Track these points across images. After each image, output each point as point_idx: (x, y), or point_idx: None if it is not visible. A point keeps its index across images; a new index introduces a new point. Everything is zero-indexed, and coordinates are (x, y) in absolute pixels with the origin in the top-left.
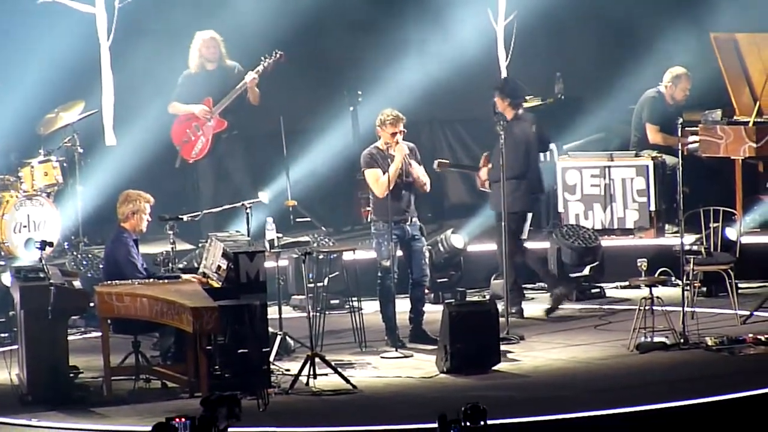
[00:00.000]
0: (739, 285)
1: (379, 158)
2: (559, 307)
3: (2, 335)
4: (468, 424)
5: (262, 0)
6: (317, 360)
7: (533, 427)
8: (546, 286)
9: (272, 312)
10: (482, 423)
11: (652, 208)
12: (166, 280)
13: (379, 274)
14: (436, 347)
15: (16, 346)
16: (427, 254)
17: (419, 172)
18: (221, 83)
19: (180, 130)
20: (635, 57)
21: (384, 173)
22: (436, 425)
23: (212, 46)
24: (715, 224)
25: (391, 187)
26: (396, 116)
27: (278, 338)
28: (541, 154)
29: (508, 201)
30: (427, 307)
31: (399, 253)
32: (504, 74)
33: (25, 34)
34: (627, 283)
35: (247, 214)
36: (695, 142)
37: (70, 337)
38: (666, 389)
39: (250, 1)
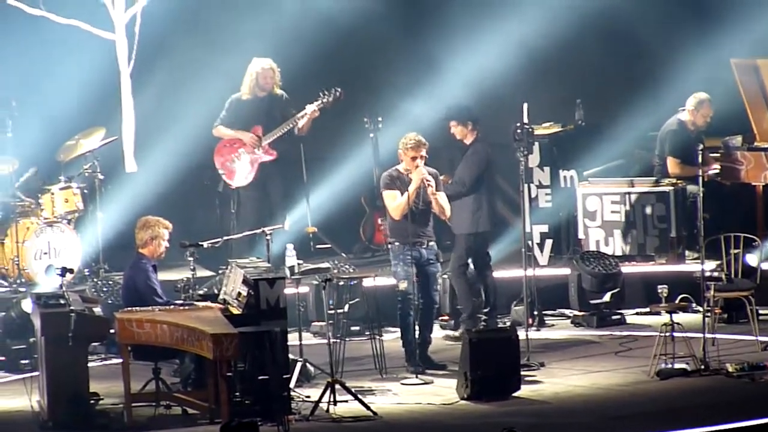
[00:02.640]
0: (760, 311)
1: (399, 181)
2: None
3: (23, 362)
4: None
5: (283, 28)
6: (337, 386)
7: None
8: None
9: (292, 338)
10: None
11: (673, 234)
12: (185, 307)
13: (399, 298)
14: (452, 373)
15: (37, 373)
16: (440, 280)
17: (440, 198)
18: (268, 111)
19: (225, 154)
20: (655, 83)
21: (402, 195)
22: None
23: (269, 76)
24: (736, 250)
25: (407, 210)
26: (418, 141)
27: (298, 365)
28: (562, 180)
29: (469, 218)
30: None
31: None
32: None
33: (45, 59)
34: (647, 310)
35: (267, 240)
36: (716, 169)
37: (90, 364)
38: (687, 416)
39: (270, 29)
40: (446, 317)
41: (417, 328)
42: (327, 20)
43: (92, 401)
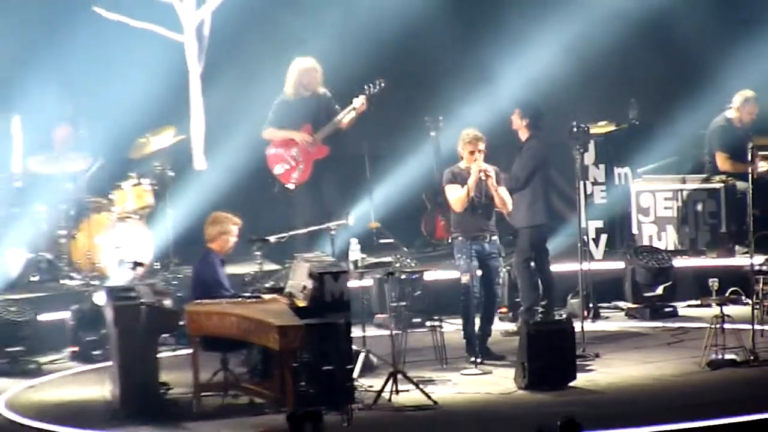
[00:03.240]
0: None
1: (459, 177)
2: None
3: (95, 353)
4: None
5: (346, 29)
6: (399, 376)
7: None
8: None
9: (356, 330)
10: None
11: (723, 230)
12: (252, 299)
13: (462, 290)
14: (511, 363)
15: (109, 363)
16: (502, 274)
17: (501, 192)
18: (315, 110)
19: (277, 155)
20: (702, 83)
21: (461, 190)
22: None
23: (312, 75)
24: None
25: (467, 203)
26: (475, 136)
27: (362, 355)
28: (616, 177)
29: (526, 212)
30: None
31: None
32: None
33: (116, 59)
34: (699, 303)
35: (332, 236)
36: (765, 167)
37: (160, 355)
38: (737, 405)
39: (334, 30)
40: (505, 310)
41: (478, 320)
42: (389, 22)
43: (162, 391)
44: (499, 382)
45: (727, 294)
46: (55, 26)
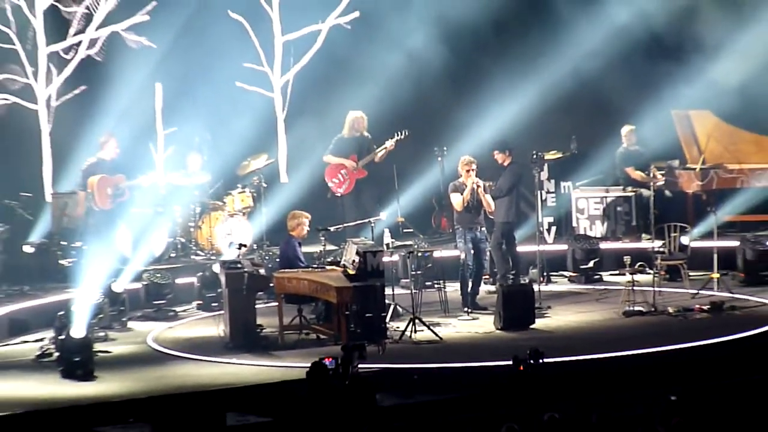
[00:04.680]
0: (690, 274)
1: (459, 188)
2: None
3: (214, 305)
4: (532, 361)
5: (384, 91)
6: (417, 321)
7: (561, 364)
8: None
9: (388, 290)
10: (541, 360)
11: (634, 223)
12: (319, 269)
13: (460, 263)
14: (491, 312)
15: (222, 312)
16: (487, 254)
17: (487, 198)
18: (360, 146)
19: (332, 173)
20: (618, 125)
21: (462, 194)
22: (501, 363)
23: (360, 122)
24: (674, 234)
25: (465, 205)
26: (469, 160)
27: (392, 307)
28: (562, 189)
29: (504, 212)
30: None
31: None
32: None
33: (229, 108)
34: (618, 272)
35: (372, 226)
36: (662, 181)
37: (257, 306)
38: (642, 340)
39: (375, 92)
40: (487, 276)
41: (470, 283)
42: (411, 87)
43: (258, 330)
44: (483, 325)
45: (636, 266)
46: (195, 83)
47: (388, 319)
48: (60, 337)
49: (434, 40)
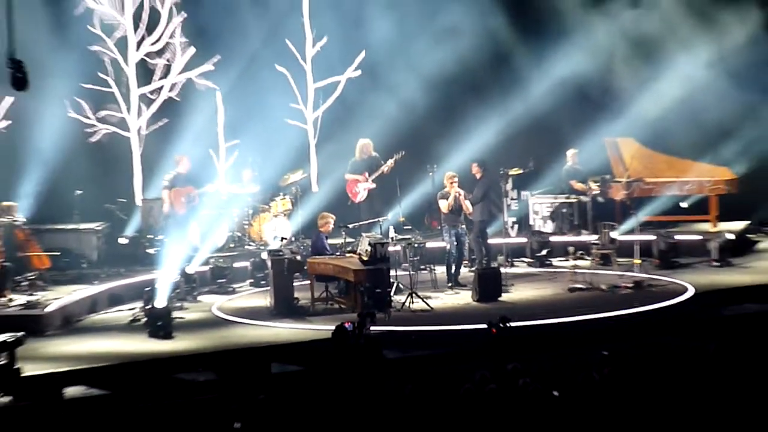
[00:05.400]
0: (618, 260)
1: (445, 195)
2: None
3: (263, 282)
4: (501, 325)
5: (383, 122)
6: (413, 295)
7: (522, 328)
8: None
9: (392, 272)
10: (507, 325)
11: (576, 222)
12: (340, 256)
13: (446, 252)
14: (469, 288)
15: (269, 288)
16: (467, 245)
17: (466, 204)
18: (369, 165)
19: (351, 186)
20: (564, 149)
21: (447, 199)
22: (480, 326)
23: (368, 147)
24: (606, 230)
25: (449, 209)
26: (452, 175)
27: (395, 284)
28: (522, 196)
29: (479, 214)
30: (464, 270)
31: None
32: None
33: (273, 135)
34: (564, 258)
35: (380, 224)
36: (596, 190)
37: (294, 283)
38: (583, 310)
39: (378, 122)
40: (467, 262)
41: (453, 267)
42: (405, 119)
43: (295, 301)
44: (463, 298)
45: (577, 254)
46: (248, 117)
47: (392, 294)
48: (147, 307)
49: (424, 86)
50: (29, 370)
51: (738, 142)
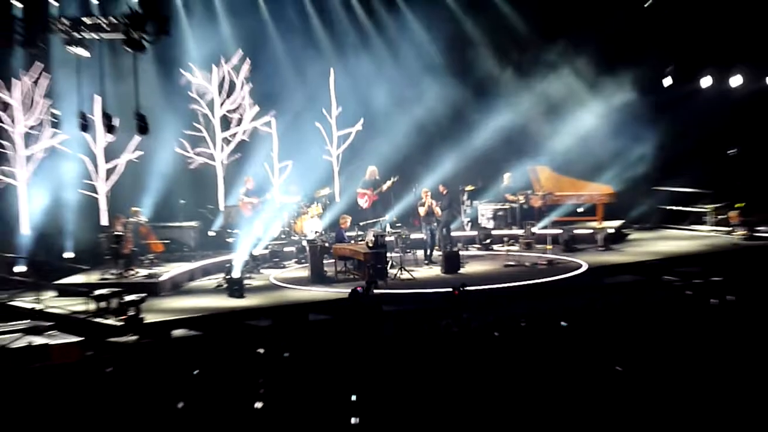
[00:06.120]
0: (537, 246)
1: (422, 204)
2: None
3: (303, 261)
4: (461, 289)
5: (382, 155)
6: (402, 269)
7: (475, 291)
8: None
9: (388, 254)
10: (465, 288)
11: (509, 221)
12: (354, 243)
13: (423, 240)
14: (439, 265)
15: (307, 264)
16: (437, 236)
17: (437, 209)
18: (374, 184)
19: (361, 197)
20: (502, 173)
21: (424, 206)
22: (446, 290)
23: (374, 172)
24: (528, 226)
25: (425, 213)
26: (426, 190)
27: (390, 262)
28: (474, 204)
29: (445, 216)
30: (436, 253)
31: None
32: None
33: (309, 163)
34: (501, 245)
35: (380, 223)
36: (522, 200)
37: (324, 261)
38: (514, 279)
39: (379, 155)
40: (437, 247)
41: (428, 251)
42: (396, 152)
43: (324, 273)
44: (435, 271)
45: (509, 242)
46: (295, 152)
47: (388, 268)
48: (227, 277)
49: (407, 133)
50: (149, 318)
51: (614, 169)
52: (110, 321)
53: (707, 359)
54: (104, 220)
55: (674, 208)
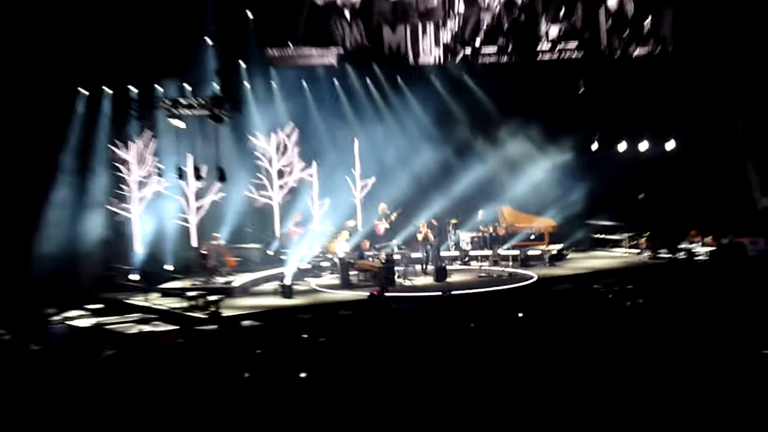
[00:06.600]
0: (502, 263)
1: (419, 231)
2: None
3: (335, 272)
4: (448, 293)
5: (391, 197)
6: (405, 278)
7: (458, 295)
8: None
9: (396, 267)
10: (451, 293)
11: (482, 245)
12: (371, 260)
13: (421, 259)
14: (431, 275)
15: (338, 275)
16: (431, 255)
17: (430, 236)
18: (385, 217)
19: (376, 227)
20: (476, 210)
21: (421, 233)
22: (437, 293)
23: (384, 208)
24: (496, 248)
25: (422, 238)
26: (423, 222)
27: (396, 273)
28: (458, 233)
29: (437, 241)
30: (430, 267)
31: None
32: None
33: (340, 206)
34: (477, 262)
35: (390, 245)
36: (492, 230)
37: (350, 272)
38: (486, 285)
39: (388, 198)
40: (431, 263)
41: (424, 265)
42: (400, 194)
43: (350, 280)
44: (429, 280)
45: (482, 260)
46: (329, 196)
47: (395, 278)
48: (281, 283)
49: (408, 182)
50: (226, 313)
51: (557, 208)
52: (198, 314)
53: (623, 346)
54: (194, 243)
55: (600, 236)
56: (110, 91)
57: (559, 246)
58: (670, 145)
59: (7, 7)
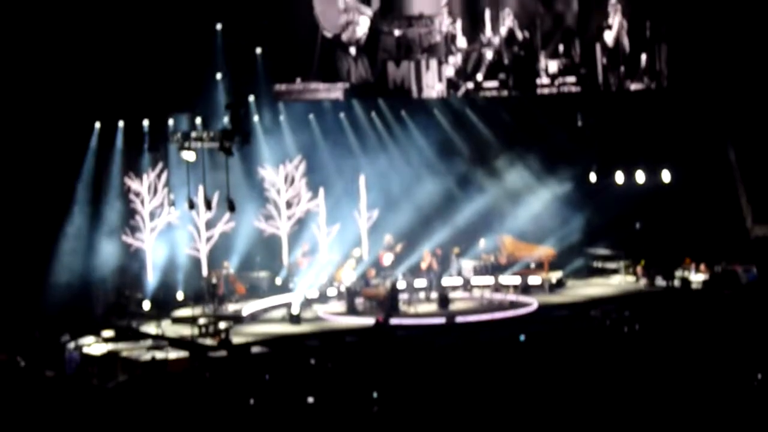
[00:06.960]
0: (503, 290)
1: (424, 260)
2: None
3: (342, 299)
4: (452, 320)
5: (396, 227)
6: (410, 305)
7: (462, 321)
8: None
9: (401, 295)
10: (455, 319)
11: (484, 273)
12: (377, 288)
13: (425, 286)
14: (434, 302)
15: (345, 301)
16: (434, 282)
17: (434, 264)
18: (390, 247)
19: (381, 257)
20: (477, 239)
21: (425, 262)
22: (440, 321)
23: (390, 239)
24: (497, 275)
25: (427, 267)
26: (427, 251)
27: (401, 300)
28: (459, 261)
29: (440, 270)
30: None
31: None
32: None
33: (346, 238)
34: (480, 289)
35: (396, 275)
36: (491, 259)
37: (356, 300)
38: (490, 313)
39: (393, 228)
40: (434, 290)
41: (428, 293)
42: (404, 225)
43: (356, 307)
44: (433, 306)
45: (484, 287)
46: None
47: (400, 304)
48: (289, 311)
49: (412, 214)
50: (235, 340)
51: (556, 237)
52: (208, 341)
53: (620, 369)
54: (204, 272)
55: (598, 264)
56: (123, 125)
57: (559, 273)
58: (665, 175)
59: (29, 47)
